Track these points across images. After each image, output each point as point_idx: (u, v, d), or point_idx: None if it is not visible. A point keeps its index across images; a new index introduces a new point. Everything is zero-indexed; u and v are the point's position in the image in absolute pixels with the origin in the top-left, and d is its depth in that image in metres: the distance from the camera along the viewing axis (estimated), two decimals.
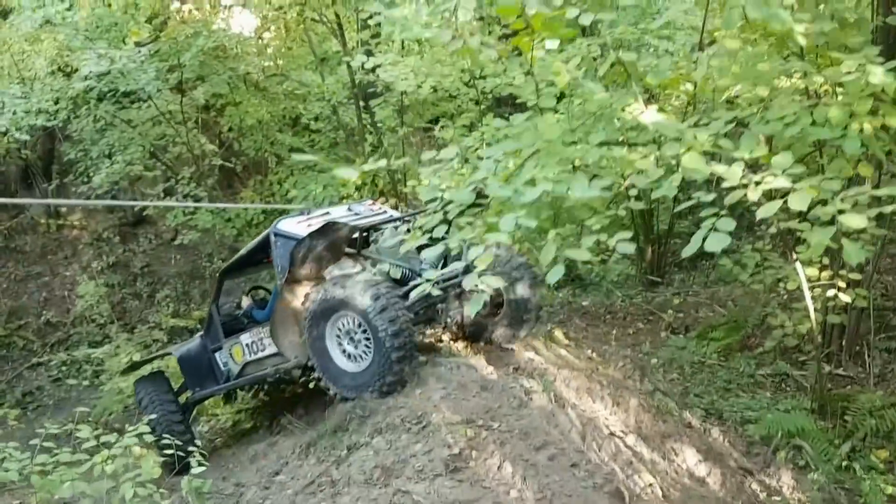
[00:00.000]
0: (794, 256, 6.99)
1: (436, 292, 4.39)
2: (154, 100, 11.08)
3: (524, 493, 4.55)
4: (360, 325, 5.76)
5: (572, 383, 6.14)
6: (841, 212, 3.56)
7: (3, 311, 12.56)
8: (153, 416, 6.43)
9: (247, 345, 6.94)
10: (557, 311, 9.41)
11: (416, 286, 5.18)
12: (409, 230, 6.43)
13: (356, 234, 6.32)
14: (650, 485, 5.09)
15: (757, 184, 3.79)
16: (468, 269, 5.74)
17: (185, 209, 11.52)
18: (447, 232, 4.25)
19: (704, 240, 3.61)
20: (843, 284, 6.83)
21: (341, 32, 11.20)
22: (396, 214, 6.96)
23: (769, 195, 3.81)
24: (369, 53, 9.50)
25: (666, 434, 6.04)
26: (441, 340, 6.95)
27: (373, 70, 8.88)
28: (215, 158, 12.32)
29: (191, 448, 5.09)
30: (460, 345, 6.81)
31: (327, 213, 6.65)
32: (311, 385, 6.58)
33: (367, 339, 5.76)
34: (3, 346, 12.21)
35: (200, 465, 4.77)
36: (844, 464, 6.70)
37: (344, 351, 5.91)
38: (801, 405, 7.38)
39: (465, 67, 9.24)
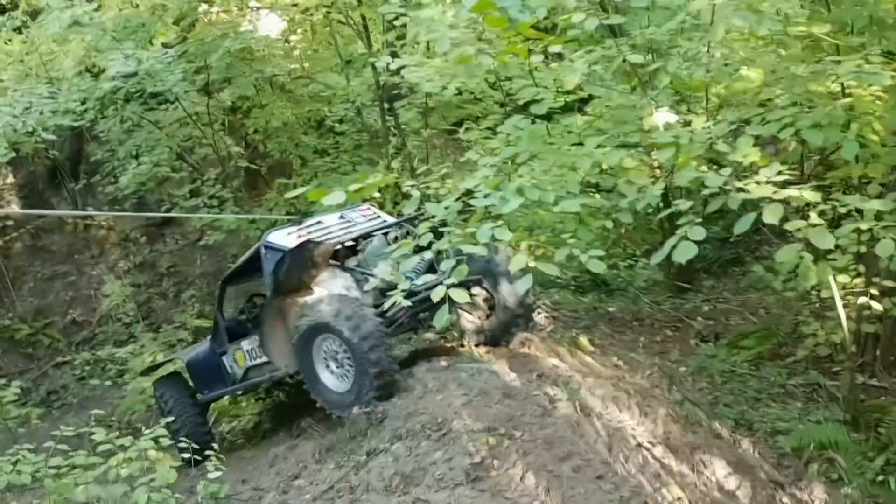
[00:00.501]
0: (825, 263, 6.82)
1: (406, 303, 4.53)
2: (181, 101, 11.10)
3: None
4: (340, 345, 5.87)
5: (598, 392, 6.00)
6: (812, 226, 3.47)
7: (29, 310, 12.68)
8: (173, 418, 6.42)
9: (247, 350, 7.09)
10: (582, 316, 9.25)
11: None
12: (396, 238, 6.70)
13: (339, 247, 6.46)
14: (678, 498, 4.93)
15: (740, 190, 3.74)
16: None
17: (210, 210, 11.52)
18: (429, 244, 4.25)
19: (674, 248, 3.59)
20: (876, 292, 6.64)
21: (367, 34, 11.16)
22: (389, 220, 7.05)
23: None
24: (394, 55, 9.42)
25: (695, 445, 5.87)
26: (463, 345, 6.85)
27: (398, 71, 8.79)
28: (241, 160, 12.34)
29: (208, 452, 5.03)
30: (482, 350, 6.71)
31: (319, 222, 6.76)
32: None
33: (349, 358, 5.86)
34: (29, 345, 12.32)
35: (217, 469, 4.70)
36: (879, 478, 6.47)
37: (331, 371, 6.03)
38: (834, 416, 7.18)
39: (490, 69, 9.13)
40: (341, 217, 6.90)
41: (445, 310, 3.84)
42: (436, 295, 3.74)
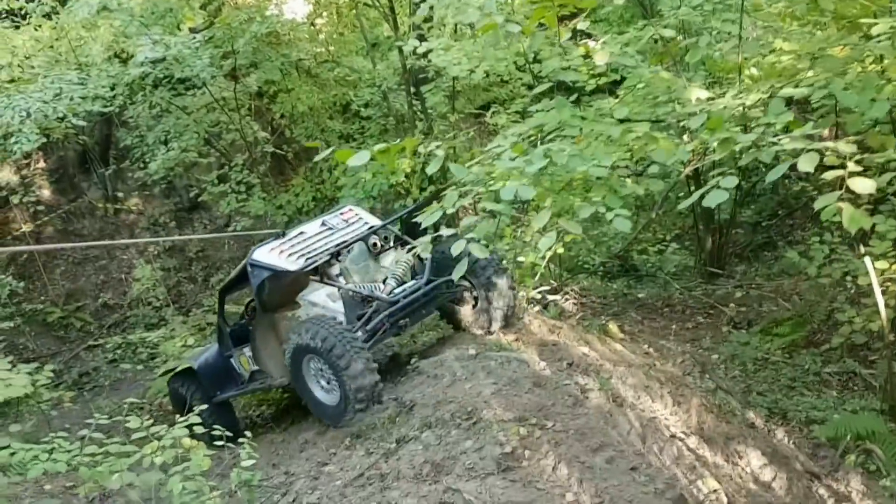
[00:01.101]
0: (863, 249, 6.68)
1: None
2: (208, 86, 11.11)
3: (581, 496, 4.35)
4: (324, 363, 6.07)
5: (629, 380, 5.92)
6: (852, 174, 3.37)
7: (61, 293, 12.85)
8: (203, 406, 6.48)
9: (249, 357, 7.38)
10: (611, 303, 9.15)
11: (377, 306, 6.29)
12: (375, 244, 7.00)
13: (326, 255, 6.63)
14: (714, 490, 4.85)
15: (773, 144, 3.70)
16: (430, 282, 6.42)
17: (238, 196, 11.58)
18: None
19: (703, 196, 3.55)
20: None
21: (393, 17, 11.05)
22: (371, 221, 7.17)
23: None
24: (421, 38, 9.31)
25: (729, 435, 5.78)
26: (491, 332, 6.79)
27: (425, 55, 8.69)
28: (267, 145, 12.35)
29: (241, 439, 5.04)
30: (510, 338, 6.65)
31: (302, 232, 6.89)
32: None
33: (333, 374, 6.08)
34: (61, 328, 12.50)
35: (251, 457, 4.70)
36: None
37: (322, 387, 6.24)
38: (870, 406, 7.05)
39: (519, 51, 8.99)
40: (323, 224, 7.03)
41: (464, 264, 3.90)
42: (456, 249, 3.78)
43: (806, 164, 3.43)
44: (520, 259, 8.23)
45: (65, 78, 9.54)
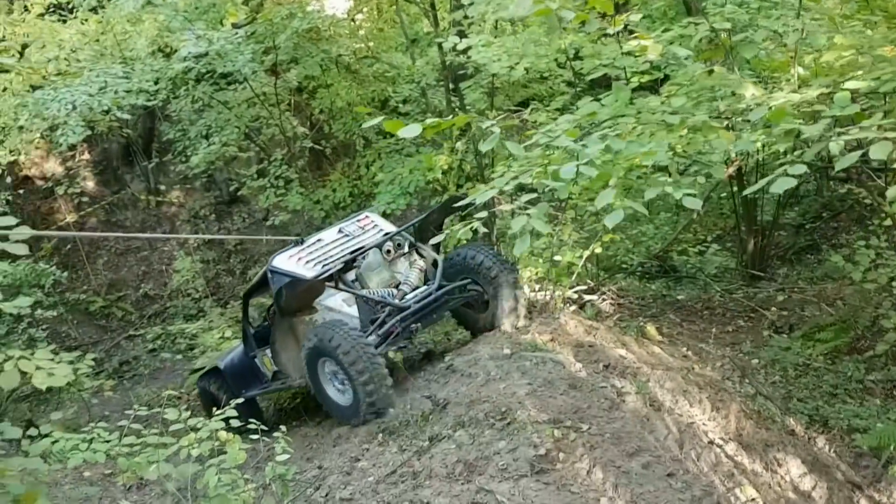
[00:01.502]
0: None
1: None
2: (249, 81, 11.21)
3: (616, 501, 4.30)
4: (337, 366, 6.25)
5: (667, 384, 5.82)
6: None
7: (103, 283, 13.13)
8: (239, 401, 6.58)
9: (271, 357, 7.62)
10: (649, 304, 9.02)
11: (389, 311, 6.57)
12: (389, 250, 7.22)
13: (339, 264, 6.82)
14: (752, 499, 4.75)
15: (840, 134, 3.60)
16: (441, 287, 6.66)
17: (277, 190, 11.68)
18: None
19: (771, 182, 3.50)
20: None
21: (434, 13, 11.01)
22: (386, 227, 7.38)
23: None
24: (461, 34, 9.26)
25: (769, 442, 5.66)
26: (527, 332, 6.74)
27: (464, 51, 8.66)
28: (306, 141, 12.42)
29: (276, 433, 5.08)
30: (546, 338, 6.59)
31: (319, 240, 7.17)
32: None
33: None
34: (103, 317, 12.78)
35: (286, 451, 4.75)
36: None
37: (336, 388, 6.43)
38: None
39: (560, 47, 8.90)
40: (340, 231, 7.27)
41: (527, 239, 3.88)
42: (516, 224, 3.79)
43: (878, 152, 3.35)
44: (556, 258, 8.16)
45: (110, 71, 9.70)
